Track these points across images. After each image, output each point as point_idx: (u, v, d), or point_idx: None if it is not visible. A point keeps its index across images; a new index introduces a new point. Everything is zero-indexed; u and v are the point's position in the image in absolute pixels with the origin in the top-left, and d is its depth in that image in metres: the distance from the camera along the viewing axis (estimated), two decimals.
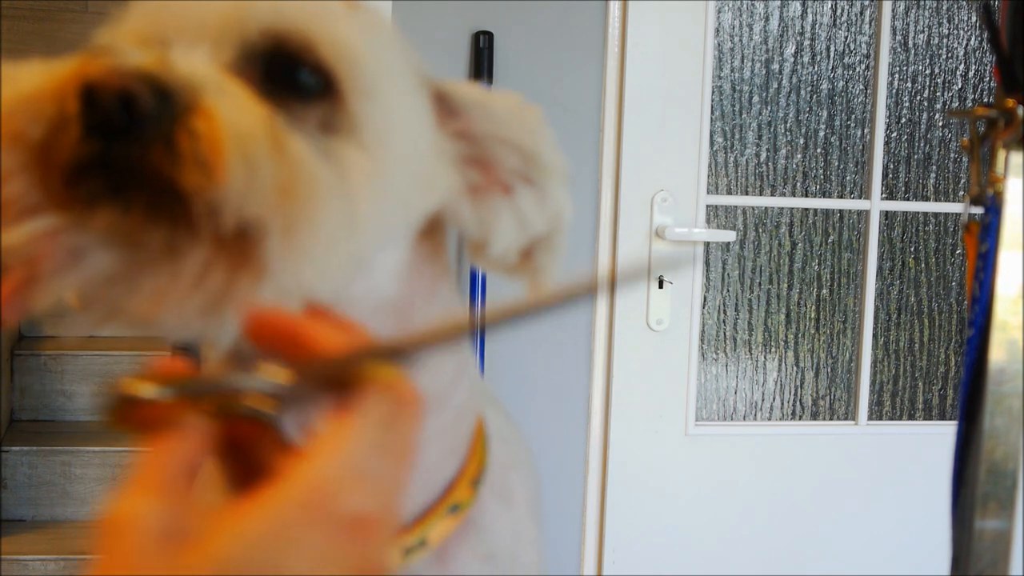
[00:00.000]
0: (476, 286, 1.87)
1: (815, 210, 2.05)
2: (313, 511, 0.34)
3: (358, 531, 0.35)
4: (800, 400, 2.09)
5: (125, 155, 0.40)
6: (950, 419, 2.11)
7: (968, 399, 0.89)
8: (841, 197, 2.05)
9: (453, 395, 0.60)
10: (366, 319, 0.53)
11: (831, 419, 2.09)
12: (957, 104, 2.09)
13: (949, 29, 2.07)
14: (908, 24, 2.05)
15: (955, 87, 2.09)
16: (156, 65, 0.42)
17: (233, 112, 0.42)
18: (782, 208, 2.04)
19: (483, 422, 0.65)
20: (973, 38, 2.08)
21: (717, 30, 1.96)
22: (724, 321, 2.05)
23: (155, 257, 0.42)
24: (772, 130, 2.02)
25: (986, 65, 2.08)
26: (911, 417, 2.12)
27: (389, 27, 0.54)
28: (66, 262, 0.41)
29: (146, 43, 0.48)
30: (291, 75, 0.47)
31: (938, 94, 2.08)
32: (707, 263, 2.01)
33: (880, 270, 2.07)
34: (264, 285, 0.43)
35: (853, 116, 2.04)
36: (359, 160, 0.48)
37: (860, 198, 2.05)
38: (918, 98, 2.07)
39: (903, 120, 2.07)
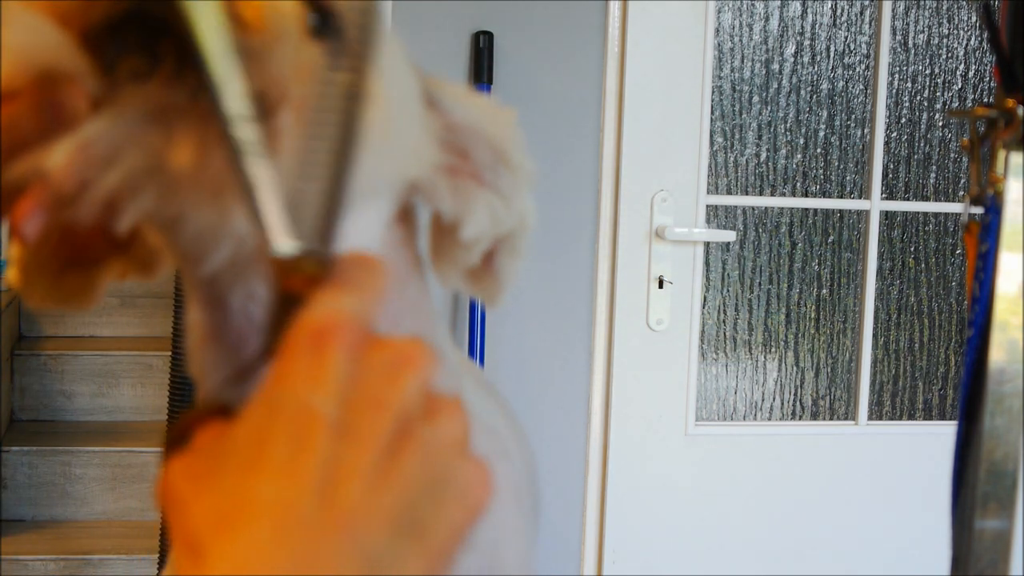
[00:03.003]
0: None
1: (815, 210, 2.05)
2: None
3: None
4: (800, 400, 2.09)
5: (161, 7, 0.41)
6: (950, 419, 2.11)
7: (968, 399, 0.89)
8: (841, 197, 2.05)
9: None
10: None
11: (831, 419, 2.09)
12: (957, 104, 2.09)
13: (949, 29, 2.07)
14: (908, 24, 2.05)
15: (955, 87, 2.09)
16: None
17: None
18: (782, 208, 2.04)
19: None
20: (973, 38, 2.08)
21: (717, 30, 1.96)
22: (724, 321, 2.05)
23: (182, 113, 0.42)
24: (772, 130, 2.02)
25: (986, 65, 2.08)
26: (911, 417, 2.12)
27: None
28: (102, 164, 0.41)
29: None
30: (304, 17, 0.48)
31: (938, 94, 2.08)
32: (707, 263, 2.01)
33: (880, 270, 2.07)
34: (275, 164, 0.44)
35: (853, 116, 2.04)
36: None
37: (860, 198, 2.05)
38: (918, 98, 2.07)
39: (903, 120, 2.07)
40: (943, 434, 2.04)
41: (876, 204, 2.04)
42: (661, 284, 1.93)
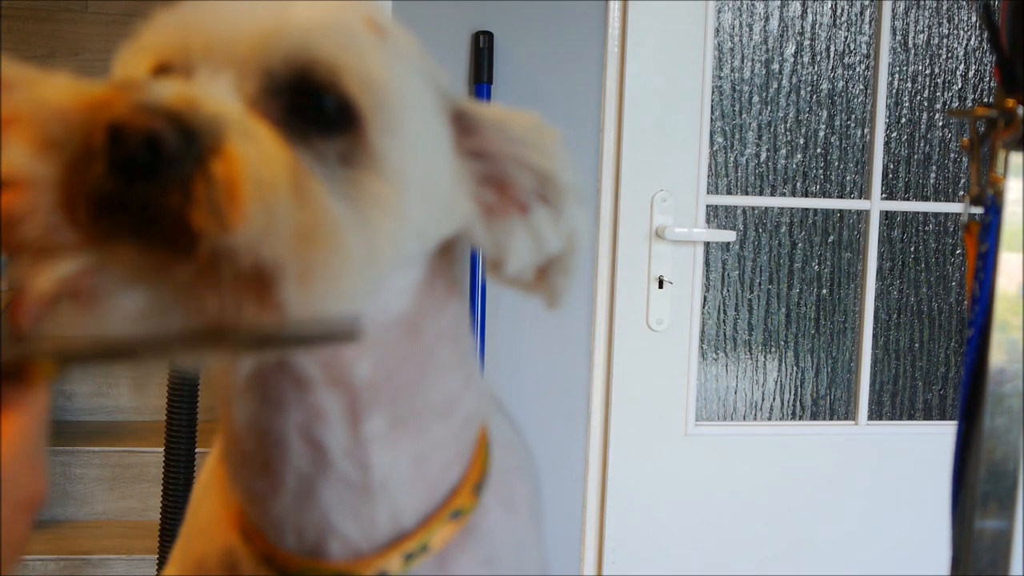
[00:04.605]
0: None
1: (815, 210, 2.05)
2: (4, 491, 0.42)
3: (31, 507, 0.44)
4: (800, 400, 2.09)
5: (144, 196, 0.41)
6: (950, 419, 2.11)
7: (968, 399, 0.89)
8: (841, 197, 2.05)
9: (461, 404, 0.61)
10: (377, 335, 0.54)
11: (831, 419, 2.09)
12: (957, 104, 2.09)
13: (949, 29, 2.07)
14: (908, 24, 2.05)
15: (955, 87, 2.09)
16: (183, 102, 0.42)
17: (256, 157, 0.42)
18: (782, 208, 2.04)
19: (487, 429, 0.65)
20: (973, 38, 2.08)
21: (717, 30, 1.96)
22: (724, 321, 2.05)
23: (176, 293, 0.43)
24: (772, 130, 2.02)
25: (986, 65, 2.08)
26: (911, 417, 2.12)
27: (416, 50, 0.54)
28: (93, 302, 0.42)
29: (170, 66, 0.48)
30: (315, 107, 0.47)
31: (938, 94, 2.08)
32: (707, 263, 2.01)
33: (880, 270, 2.07)
34: (281, 319, 0.44)
35: (853, 116, 2.04)
36: (379, 192, 0.48)
37: (860, 198, 2.05)
38: (918, 98, 2.07)
39: (903, 120, 2.07)
40: (943, 434, 2.04)
41: (876, 204, 2.04)
42: (661, 284, 1.93)
